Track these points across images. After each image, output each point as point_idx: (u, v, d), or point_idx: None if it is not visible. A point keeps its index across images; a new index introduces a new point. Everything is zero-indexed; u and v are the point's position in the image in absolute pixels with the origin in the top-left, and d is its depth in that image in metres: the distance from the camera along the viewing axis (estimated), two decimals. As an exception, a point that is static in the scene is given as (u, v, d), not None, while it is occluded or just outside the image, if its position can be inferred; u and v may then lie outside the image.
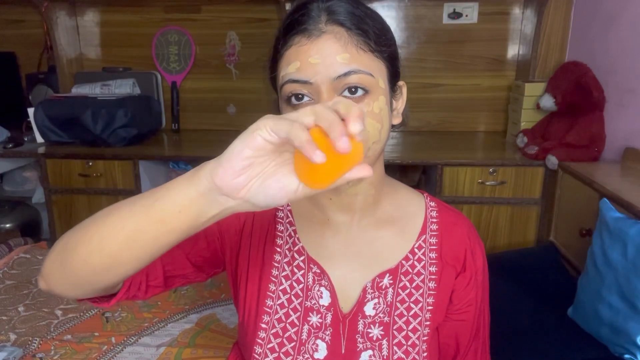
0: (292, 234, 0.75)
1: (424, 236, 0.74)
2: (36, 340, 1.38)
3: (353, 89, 0.61)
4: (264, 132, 0.44)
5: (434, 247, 0.74)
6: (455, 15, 2.37)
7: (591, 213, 1.50)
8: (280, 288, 0.72)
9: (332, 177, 0.45)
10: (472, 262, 0.75)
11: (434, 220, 0.75)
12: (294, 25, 0.62)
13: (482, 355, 0.80)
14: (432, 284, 0.73)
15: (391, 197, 0.76)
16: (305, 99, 0.62)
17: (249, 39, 2.52)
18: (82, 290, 0.58)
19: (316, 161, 0.41)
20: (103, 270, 0.54)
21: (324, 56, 0.60)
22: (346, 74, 0.60)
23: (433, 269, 0.73)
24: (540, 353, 1.28)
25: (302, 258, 0.73)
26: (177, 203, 0.49)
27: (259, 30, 2.49)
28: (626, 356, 1.19)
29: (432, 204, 0.77)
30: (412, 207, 0.76)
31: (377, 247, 0.73)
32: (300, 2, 0.65)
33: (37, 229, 2.55)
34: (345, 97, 0.61)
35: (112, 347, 1.37)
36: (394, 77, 0.68)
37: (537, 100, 2.03)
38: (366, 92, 0.61)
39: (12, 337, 1.40)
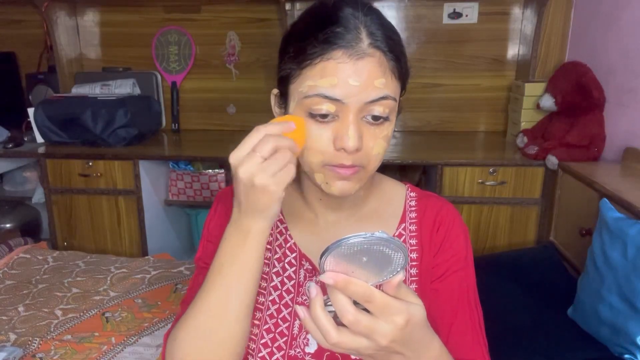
0: (284, 231, 0.76)
1: (404, 224, 0.76)
2: (36, 340, 1.38)
3: (376, 116, 0.62)
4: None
5: (414, 234, 0.75)
6: (455, 15, 2.37)
7: (591, 213, 1.50)
8: (272, 284, 0.74)
9: None
10: (445, 234, 0.75)
11: (413, 208, 0.77)
12: (334, 39, 0.60)
13: (474, 336, 0.72)
14: (414, 271, 0.74)
15: (376, 191, 0.78)
16: (329, 116, 0.62)
17: (249, 39, 2.52)
18: None
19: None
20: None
21: (363, 79, 0.60)
22: (379, 99, 0.61)
23: (414, 255, 0.74)
24: (540, 353, 1.28)
25: (294, 255, 0.75)
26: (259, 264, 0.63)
27: (259, 30, 2.49)
28: (626, 356, 1.19)
29: (413, 194, 0.79)
30: (394, 199, 0.78)
31: None
32: (330, 10, 0.62)
33: (37, 229, 2.55)
34: (367, 121, 0.62)
35: (112, 347, 1.37)
36: (402, 89, 0.69)
37: (537, 100, 2.03)
38: (385, 119, 0.63)
39: (12, 337, 1.40)
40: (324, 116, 0.61)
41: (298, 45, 0.63)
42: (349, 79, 0.59)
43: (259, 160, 0.56)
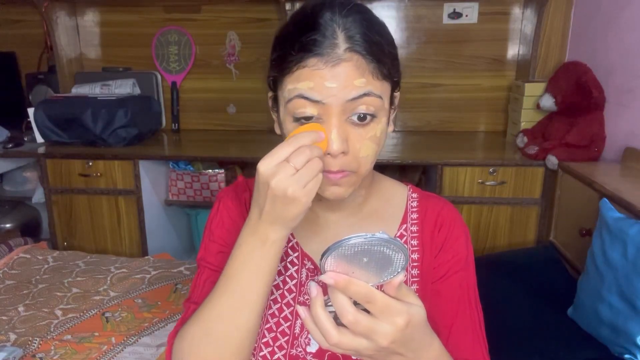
0: None
1: (405, 225, 0.76)
2: (36, 340, 1.38)
3: (362, 115, 0.61)
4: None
5: (415, 235, 0.75)
6: (455, 15, 2.37)
7: (591, 213, 1.50)
8: (273, 284, 0.74)
9: None
10: (446, 234, 0.75)
11: (414, 209, 0.77)
12: (309, 47, 0.59)
13: (474, 336, 0.73)
14: (415, 271, 0.74)
15: (377, 192, 0.78)
16: (313, 119, 0.61)
17: (249, 39, 2.52)
18: None
19: None
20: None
21: (341, 82, 0.59)
22: (361, 96, 0.60)
23: (415, 256, 0.74)
24: (540, 353, 1.28)
25: (296, 254, 0.75)
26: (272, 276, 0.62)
27: (259, 30, 2.49)
28: (626, 356, 1.19)
29: (414, 195, 0.79)
30: (395, 199, 0.79)
31: None
32: (310, 15, 0.62)
33: (37, 229, 2.55)
34: (352, 122, 0.61)
35: (112, 347, 1.37)
36: (394, 89, 0.68)
37: (537, 100, 2.03)
38: (373, 117, 0.62)
39: (12, 337, 1.40)
40: (308, 119, 0.61)
41: (279, 52, 0.63)
42: (325, 82, 0.59)
43: (292, 172, 0.55)
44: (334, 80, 0.59)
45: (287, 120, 0.64)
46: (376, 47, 0.61)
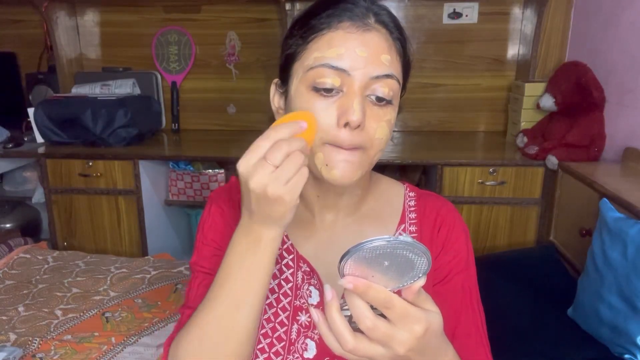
0: None
1: (403, 225, 0.75)
2: (36, 340, 1.38)
3: (380, 98, 0.62)
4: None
5: (414, 235, 0.74)
6: (455, 15, 2.37)
7: (591, 213, 1.50)
8: (268, 287, 0.72)
9: None
10: (447, 234, 0.74)
11: (412, 208, 0.76)
12: (342, 12, 0.61)
13: (477, 338, 0.73)
14: None
15: (374, 191, 0.77)
16: (334, 91, 0.60)
17: (249, 39, 2.52)
18: None
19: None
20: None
21: (370, 51, 0.60)
22: (385, 76, 0.61)
23: None
24: (540, 353, 1.28)
25: (291, 257, 0.73)
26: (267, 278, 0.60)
27: (259, 30, 2.50)
28: (626, 356, 1.19)
29: (412, 193, 0.78)
30: (392, 199, 0.77)
31: None
32: None
33: (37, 229, 2.55)
34: (371, 101, 0.62)
35: (112, 347, 1.37)
36: (403, 88, 0.68)
37: (537, 100, 2.03)
38: (388, 102, 0.63)
39: (12, 337, 1.40)
40: (329, 91, 0.60)
41: (304, 22, 0.64)
42: (356, 48, 0.60)
43: (271, 169, 0.52)
44: (364, 47, 0.60)
45: (301, 93, 0.62)
46: (400, 27, 0.65)
